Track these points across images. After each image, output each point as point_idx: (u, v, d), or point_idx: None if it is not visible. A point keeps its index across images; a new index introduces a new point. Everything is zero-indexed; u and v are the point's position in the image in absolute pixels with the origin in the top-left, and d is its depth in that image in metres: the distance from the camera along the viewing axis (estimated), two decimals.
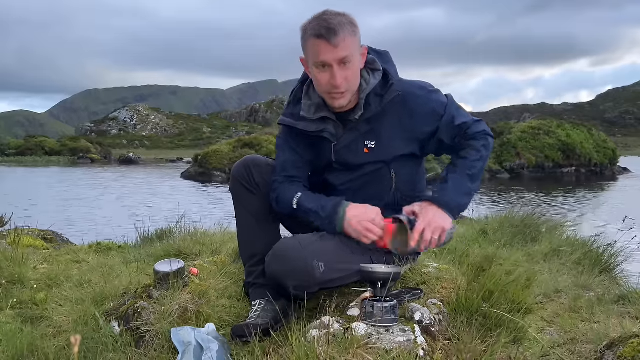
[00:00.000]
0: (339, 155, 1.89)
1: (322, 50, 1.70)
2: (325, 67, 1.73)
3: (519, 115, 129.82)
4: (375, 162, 1.88)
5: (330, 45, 1.69)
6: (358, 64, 1.78)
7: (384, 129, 1.85)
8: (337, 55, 1.70)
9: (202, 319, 1.90)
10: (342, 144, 1.87)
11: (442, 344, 1.62)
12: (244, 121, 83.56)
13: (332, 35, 1.67)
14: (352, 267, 1.79)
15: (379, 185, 1.92)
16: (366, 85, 1.82)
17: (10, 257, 2.62)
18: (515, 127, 31.42)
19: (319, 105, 1.86)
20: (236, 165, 2.02)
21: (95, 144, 50.46)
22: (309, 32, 1.72)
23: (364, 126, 1.85)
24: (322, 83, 1.76)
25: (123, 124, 76.74)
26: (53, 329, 2.03)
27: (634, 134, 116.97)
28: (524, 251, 2.97)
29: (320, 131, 1.86)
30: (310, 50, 1.75)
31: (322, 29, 1.69)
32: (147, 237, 3.56)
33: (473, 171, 1.85)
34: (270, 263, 1.77)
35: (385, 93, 1.82)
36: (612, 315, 1.88)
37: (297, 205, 1.84)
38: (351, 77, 1.75)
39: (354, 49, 1.73)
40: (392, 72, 1.86)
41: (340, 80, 1.72)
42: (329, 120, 1.86)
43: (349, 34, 1.70)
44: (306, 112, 1.86)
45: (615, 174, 29.38)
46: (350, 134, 1.86)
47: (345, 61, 1.71)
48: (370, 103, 1.82)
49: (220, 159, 25.09)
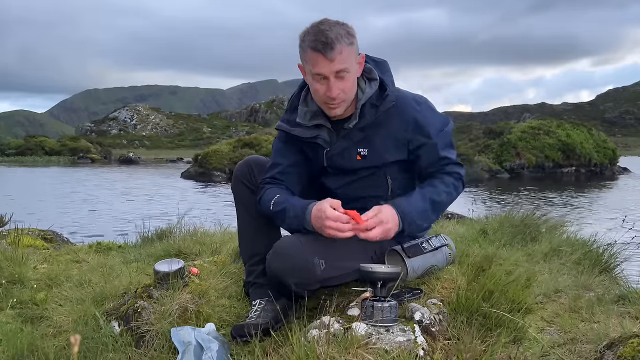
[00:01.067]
0: (331, 161, 1.92)
1: (319, 63, 1.73)
2: (322, 78, 1.76)
3: (519, 115, 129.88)
4: (369, 168, 1.91)
5: (326, 59, 1.71)
6: (355, 74, 1.80)
7: (376, 137, 1.87)
8: (333, 68, 1.72)
9: (202, 319, 1.90)
10: (334, 150, 1.90)
11: (442, 343, 1.62)
12: (244, 121, 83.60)
13: (328, 49, 1.69)
14: (353, 264, 1.79)
15: (376, 189, 1.94)
16: (362, 94, 1.85)
17: (10, 257, 2.62)
18: (515, 127, 31.44)
19: (315, 113, 1.89)
20: (238, 165, 2.06)
21: (95, 143, 50.49)
22: (306, 43, 1.74)
23: (358, 134, 1.87)
24: (319, 93, 1.79)
25: (123, 123, 76.77)
26: (53, 329, 2.03)
27: (634, 134, 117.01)
28: (523, 251, 2.97)
29: (314, 137, 1.89)
30: (307, 61, 1.77)
31: (319, 42, 1.70)
32: (147, 237, 3.56)
33: (438, 199, 1.85)
34: (271, 261, 1.77)
35: (380, 104, 1.84)
36: (612, 315, 1.88)
37: (273, 206, 1.85)
38: (347, 88, 1.78)
39: (350, 61, 1.75)
40: (389, 82, 1.87)
41: (337, 92, 1.75)
42: (323, 127, 1.89)
43: (345, 46, 1.72)
44: (302, 118, 1.90)
45: (615, 174, 29.39)
46: (343, 141, 1.89)
47: (341, 74, 1.74)
48: (365, 113, 1.84)
49: (220, 158, 25.09)
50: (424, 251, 1.91)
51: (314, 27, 1.74)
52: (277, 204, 1.85)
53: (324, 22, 1.75)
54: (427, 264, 1.92)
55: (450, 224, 4.11)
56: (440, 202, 1.87)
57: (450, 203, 1.92)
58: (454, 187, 1.91)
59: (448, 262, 2.00)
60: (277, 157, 1.98)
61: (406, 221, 1.77)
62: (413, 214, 1.79)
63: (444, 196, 1.87)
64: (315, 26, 1.74)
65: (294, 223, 1.82)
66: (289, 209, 1.82)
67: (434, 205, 1.84)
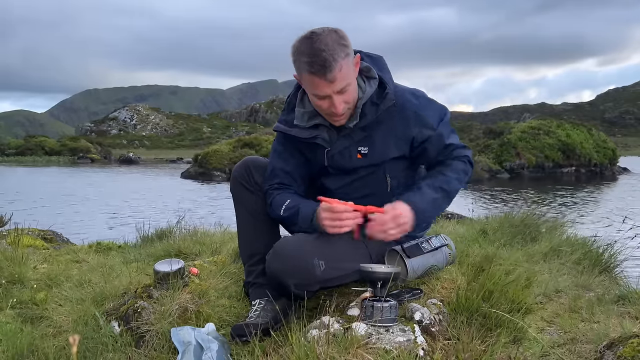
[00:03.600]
0: (332, 160, 1.91)
1: (319, 85, 1.68)
2: (323, 97, 1.72)
3: (519, 115, 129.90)
4: (369, 166, 1.90)
5: (326, 82, 1.67)
6: (355, 83, 1.77)
7: (377, 135, 1.86)
8: (334, 88, 1.69)
9: (202, 319, 1.90)
10: (335, 149, 1.89)
11: (442, 343, 1.62)
12: (244, 121, 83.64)
13: (327, 72, 1.64)
14: (353, 265, 1.79)
15: (375, 188, 1.93)
16: (362, 94, 1.82)
17: (10, 257, 2.62)
18: (515, 127, 31.44)
19: (312, 113, 1.87)
20: (236, 165, 2.05)
21: (95, 143, 50.51)
22: (302, 65, 1.68)
23: (359, 133, 1.86)
24: (322, 109, 1.77)
25: (123, 123, 76.80)
26: (53, 329, 2.03)
27: (634, 134, 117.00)
28: (523, 251, 2.97)
29: (314, 137, 1.88)
30: (306, 82, 1.74)
31: (315, 65, 1.64)
32: (147, 237, 3.56)
33: (448, 188, 1.87)
34: (270, 261, 1.77)
35: (380, 102, 1.82)
36: (612, 315, 1.88)
37: (284, 211, 1.86)
38: (351, 98, 1.76)
39: (349, 73, 1.71)
40: (388, 79, 1.85)
41: (341, 107, 1.73)
42: (322, 126, 1.88)
43: (343, 60, 1.66)
44: (299, 120, 1.88)
45: (615, 174, 29.38)
46: (344, 140, 1.88)
47: (344, 90, 1.71)
48: (366, 112, 1.83)
49: (220, 158, 25.10)
50: (423, 251, 1.91)
51: (307, 45, 1.66)
52: (287, 209, 1.86)
53: (315, 38, 1.65)
54: (427, 264, 1.92)
55: (450, 224, 4.11)
56: (452, 190, 1.89)
57: (460, 187, 1.93)
58: (464, 172, 1.93)
59: (448, 262, 2.00)
60: (280, 160, 1.96)
61: (419, 212, 1.78)
62: (427, 210, 1.81)
63: (455, 183, 1.89)
64: (307, 43, 1.66)
65: (304, 225, 1.82)
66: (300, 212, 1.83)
67: (444, 194, 1.87)
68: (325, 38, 1.65)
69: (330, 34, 1.67)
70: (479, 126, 45.24)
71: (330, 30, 1.68)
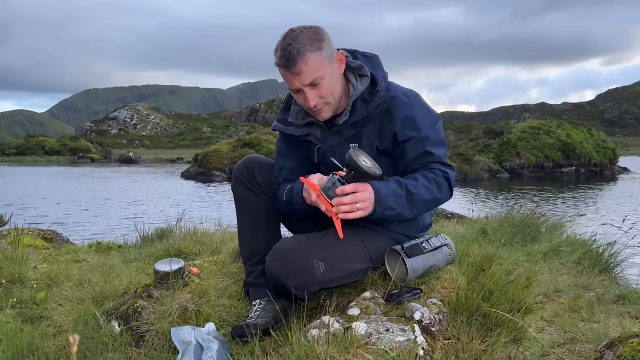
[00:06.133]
0: (323, 157, 1.93)
1: (288, 78, 1.75)
2: (297, 91, 1.78)
3: (519, 115, 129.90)
4: None
5: (293, 74, 1.72)
6: (331, 77, 1.77)
7: (366, 131, 1.87)
8: (302, 81, 1.73)
9: (202, 319, 1.90)
10: (326, 146, 1.92)
11: (441, 343, 1.62)
12: (244, 121, 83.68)
13: (292, 65, 1.70)
14: (352, 266, 1.79)
15: None
16: (354, 90, 1.85)
17: (10, 256, 2.62)
18: (515, 126, 31.45)
19: (306, 111, 1.90)
20: (237, 164, 2.06)
21: (95, 143, 50.52)
22: (275, 59, 1.75)
23: (349, 130, 1.88)
24: (300, 103, 1.83)
25: (123, 123, 76.84)
26: (53, 329, 2.04)
27: (634, 134, 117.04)
28: (523, 251, 2.97)
29: (306, 135, 1.92)
30: (281, 77, 1.79)
31: (282, 58, 1.71)
32: (147, 237, 3.56)
33: (413, 190, 1.76)
34: (270, 263, 1.77)
35: (371, 99, 1.83)
36: (611, 314, 1.88)
37: (285, 196, 1.90)
38: (325, 93, 1.77)
39: (320, 67, 1.72)
40: (380, 77, 1.86)
41: (314, 101, 1.76)
42: (315, 124, 1.91)
43: (311, 54, 1.70)
44: (294, 117, 1.94)
45: (615, 174, 29.40)
46: (334, 137, 1.90)
47: (314, 83, 1.73)
48: (356, 109, 1.85)
49: (220, 158, 25.11)
50: (423, 251, 1.91)
51: (280, 41, 1.74)
52: (286, 193, 1.90)
53: (288, 34, 1.73)
54: (427, 263, 1.92)
55: (450, 224, 4.11)
56: (417, 194, 1.76)
57: (431, 201, 1.81)
58: (437, 184, 1.80)
59: (448, 261, 2.00)
60: (284, 158, 2.00)
61: (381, 202, 1.71)
62: (389, 196, 1.72)
63: (422, 189, 1.77)
64: (280, 39, 1.74)
65: (299, 201, 1.84)
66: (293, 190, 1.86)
67: (409, 195, 1.75)
68: (298, 34, 1.72)
69: (304, 31, 1.73)
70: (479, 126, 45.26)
71: (306, 27, 1.75)
